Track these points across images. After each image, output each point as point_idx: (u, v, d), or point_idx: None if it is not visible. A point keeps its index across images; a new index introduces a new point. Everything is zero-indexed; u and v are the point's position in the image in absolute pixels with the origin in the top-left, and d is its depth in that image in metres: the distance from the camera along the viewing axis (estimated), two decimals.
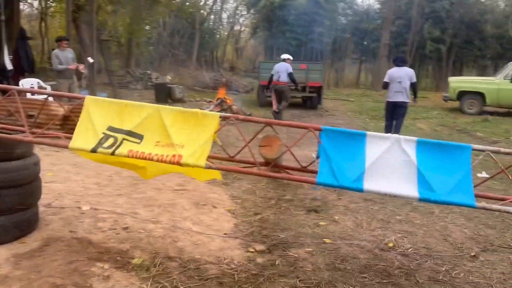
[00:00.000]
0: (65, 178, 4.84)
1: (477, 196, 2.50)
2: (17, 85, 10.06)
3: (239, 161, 3.06)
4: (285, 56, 11.37)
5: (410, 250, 3.58)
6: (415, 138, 2.58)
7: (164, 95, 11.51)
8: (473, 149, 2.54)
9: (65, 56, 9.27)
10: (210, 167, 2.68)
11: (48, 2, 21.85)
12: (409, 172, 2.50)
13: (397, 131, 8.37)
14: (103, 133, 2.82)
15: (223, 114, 2.89)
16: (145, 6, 15.84)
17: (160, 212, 3.96)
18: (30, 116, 3.09)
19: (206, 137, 2.76)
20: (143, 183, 4.70)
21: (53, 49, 10.27)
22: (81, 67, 9.49)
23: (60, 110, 3.11)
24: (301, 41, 25.48)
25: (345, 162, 2.56)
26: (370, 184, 2.49)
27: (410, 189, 2.45)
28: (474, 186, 2.51)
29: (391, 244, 3.68)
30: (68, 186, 4.58)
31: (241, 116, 2.90)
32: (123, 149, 2.72)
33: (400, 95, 8.33)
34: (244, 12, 35.61)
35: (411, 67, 13.52)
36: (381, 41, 22.82)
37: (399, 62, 8.70)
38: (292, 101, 15.01)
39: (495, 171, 2.79)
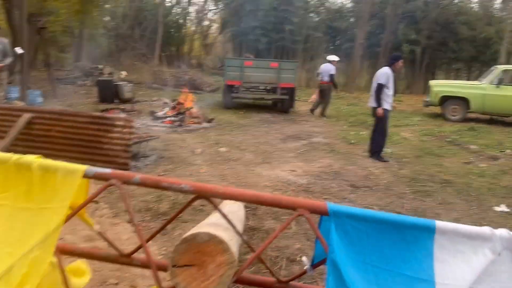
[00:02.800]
0: None
1: None
2: None
3: (142, 265, 1.48)
4: (330, 57, 12.07)
5: None
6: None
7: (109, 94, 9.70)
8: None
9: None
10: None
11: None
12: None
13: (374, 143, 7.04)
14: None
15: (94, 170, 1.28)
16: None
17: None
18: None
19: (46, 228, 1.14)
20: None
21: None
22: (1, 65, 7.58)
23: None
24: (271, 39, 23.97)
25: None
26: None
27: None
28: None
29: None
30: None
31: (138, 176, 1.29)
32: None
33: (370, 99, 7.09)
34: (213, 6, 33.87)
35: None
36: (355, 41, 21.65)
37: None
38: (261, 103, 13.49)
39: None
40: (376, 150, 6.96)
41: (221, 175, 5.41)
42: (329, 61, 11.90)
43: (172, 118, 8.99)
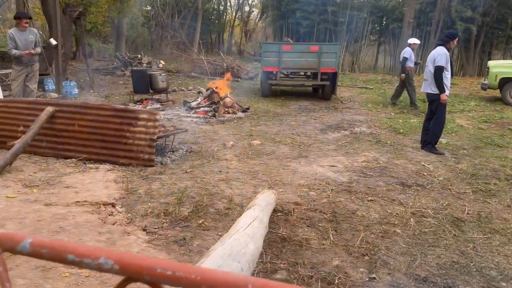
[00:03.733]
0: None
1: None
2: None
3: None
4: (410, 40, 10.80)
5: None
6: None
7: (144, 84, 9.42)
8: None
9: (23, 38, 7.29)
10: None
11: None
12: None
13: (430, 133, 6.26)
14: None
15: None
16: None
17: None
18: None
19: None
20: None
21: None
22: (33, 52, 7.37)
23: None
24: (313, 21, 22.95)
25: None
26: None
27: None
28: None
29: None
30: None
31: (29, 240, 1.00)
32: None
33: (424, 84, 6.31)
34: None
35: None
36: (403, 20, 20.23)
37: (437, 40, 6.54)
38: (300, 90, 12.80)
39: None
40: (431, 141, 6.18)
41: (251, 172, 4.91)
42: (409, 45, 10.52)
43: (206, 108, 8.58)
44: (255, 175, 4.82)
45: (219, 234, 3.30)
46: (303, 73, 12.30)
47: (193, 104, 8.81)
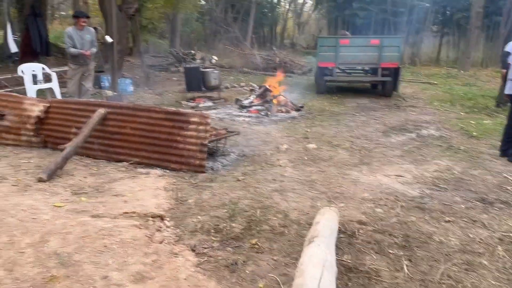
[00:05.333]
0: None
1: None
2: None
3: None
4: None
5: None
6: None
7: (196, 81, 9.27)
8: None
9: (80, 37, 7.36)
10: None
11: None
12: None
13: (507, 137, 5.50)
14: None
15: None
16: None
17: None
18: None
19: None
20: (67, 279, 2.46)
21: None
22: (87, 52, 7.39)
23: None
24: (370, 12, 21.92)
25: None
26: None
27: None
28: None
29: None
30: None
31: None
32: None
33: (510, 85, 5.52)
34: None
35: (505, 41, 9.73)
36: (470, 10, 18.73)
37: None
38: (358, 86, 12.11)
39: None
40: None
41: (307, 181, 4.51)
42: None
43: (258, 107, 8.25)
44: (312, 185, 4.41)
45: (274, 258, 2.95)
46: (360, 68, 11.63)
47: (245, 102, 8.53)
